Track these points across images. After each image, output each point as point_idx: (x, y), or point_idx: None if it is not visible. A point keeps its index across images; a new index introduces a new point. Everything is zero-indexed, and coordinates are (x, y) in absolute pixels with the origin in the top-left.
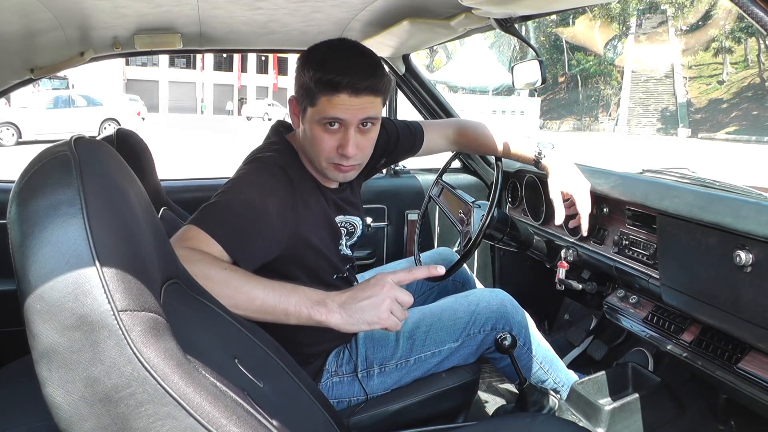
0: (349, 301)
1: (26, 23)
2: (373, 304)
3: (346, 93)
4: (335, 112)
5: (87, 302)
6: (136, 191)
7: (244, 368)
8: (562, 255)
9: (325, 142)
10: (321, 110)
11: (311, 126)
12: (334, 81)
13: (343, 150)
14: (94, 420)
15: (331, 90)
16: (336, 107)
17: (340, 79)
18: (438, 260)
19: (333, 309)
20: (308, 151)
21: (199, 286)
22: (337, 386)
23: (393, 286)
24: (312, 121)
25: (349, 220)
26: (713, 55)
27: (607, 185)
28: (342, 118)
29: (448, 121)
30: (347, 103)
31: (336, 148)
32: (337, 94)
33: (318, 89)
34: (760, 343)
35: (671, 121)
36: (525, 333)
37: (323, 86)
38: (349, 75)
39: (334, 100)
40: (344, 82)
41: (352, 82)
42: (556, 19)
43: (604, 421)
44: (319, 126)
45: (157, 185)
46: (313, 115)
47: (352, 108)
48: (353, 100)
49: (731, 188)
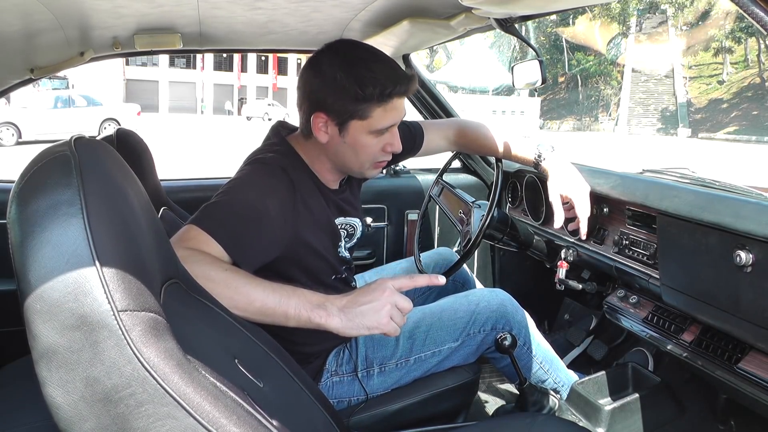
0: (349, 305)
1: (26, 23)
2: (373, 309)
3: (397, 98)
4: (390, 119)
5: (87, 302)
6: (136, 191)
7: (244, 368)
8: (562, 255)
9: (375, 146)
10: (376, 122)
11: (359, 136)
12: (389, 91)
13: (393, 148)
14: (94, 420)
15: (386, 100)
16: (391, 115)
17: (396, 89)
18: (438, 260)
19: (333, 312)
20: (347, 159)
21: (199, 286)
22: (337, 386)
23: (393, 291)
24: (360, 132)
25: (350, 222)
26: (713, 55)
27: (607, 185)
28: (394, 123)
29: (448, 121)
30: (398, 107)
31: (383, 147)
32: (390, 101)
33: (373, 102)
34: (760, 343)
35: (671, 121)
36: (525, 333)
37: (379, 98)
38: (399, 80)
39: (388, 107)
40: (397, 89)
41: (402, 86)
42: (556, 19)
43: (604, 421)
44: (370, 134)
45: (157, 185)
46: (363, 126)
47: (401, 110)
48: (401, 103)
49: (731, 188)
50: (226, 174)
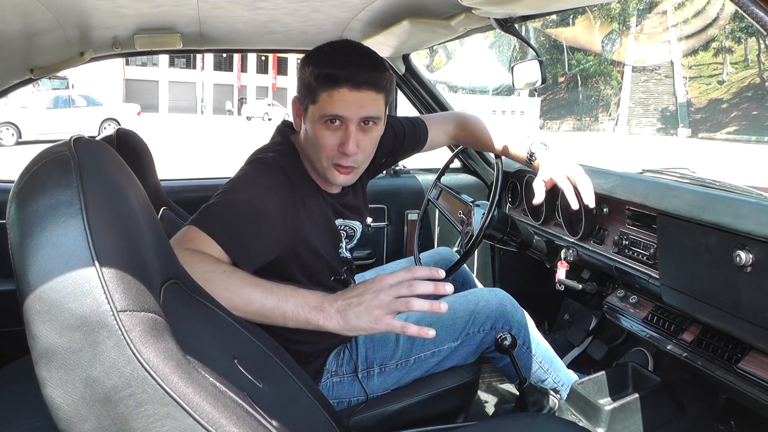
0: (345, 306)
1: (26, 23)
2: (367, 310)
3: (346, 87)
4: (335, 108)
5: (86, 303)
6: (135, 191)
7: (244, 368)
8: (562, 255)
9: (326, 139)
10: (322, 107)
11: (313, 124)
12: (333, 74)
13: (344, 147)
14: (93, 420)
15: (331, 84)
16: (336, 103)
17: (339, 72)
18: (438, 260)
19: (331, 314)
20: (310, 151)
21: (199, 286)
22: (337, 386)
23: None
24: (313, 119)
25: (349, 224)
26: (713, 55)
27: (607, 185)
28: (342, 115)
29: (448, 115)
30: (348, 98)
31: (337, 146)
32: (337, 88)
33: (318, 84)
34: (760, 343)
35: (671, 121)
36: (524, 332)
37: (323, 81)
38: (348, 68)
39: (334, 95)
40: (343, 75)
41: (352, 75)
42: (556, 19)
43: (604, 421)
44: (321, 124)
45: (157, 185)
46: (314, 112)
47: (353, 103)
48: (354, 95)
49: (731, 188)
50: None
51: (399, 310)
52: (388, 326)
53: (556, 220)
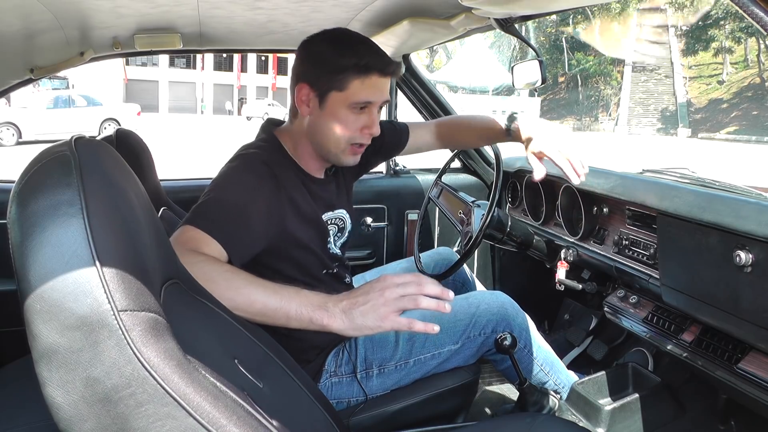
0: (349, 306)
1: (26, 23)
2: (373, 308)
3: (376, 74)
4: (368, 95)
5: (87, 302)
6: (136, 191)
7: (244, 368)
8: (562, 255)
9: (351, 123)
10: (353, 94)
11: (336, 109)
12: (369, 64)
13: (371, 129)
14: (94, 420)
15: (364, 73)
16: (368, 89)
17: (374, 62)
18: (438, 260)
19: (335, 314)
20: (325, 136)
21: (200, 286)
22: (336, 386)
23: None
24: (337, 106)
25: (338, 215)
26: (713, 55)
27: (607, 185)
28: (373, 101)
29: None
30: (377, 85)
31: (361, 128)
32: (369, 76)
33: (352, 73)
34: (760, 343)
35: (671, 121)
36: (526, 335)
37: (357, 70)
38: (380, 57)
39: (366, 82)
40: (376, 63)
41: (381, 64)
42: (556, 19)
43: (604, 421)
44: (347, 109)
45: (156, 185)
46: (340, 99)
47: (381, 89)
48: (382, 81)
49: (731, 188)
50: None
51: (406, 307)
52: (394, 324)
53: (556, 220)
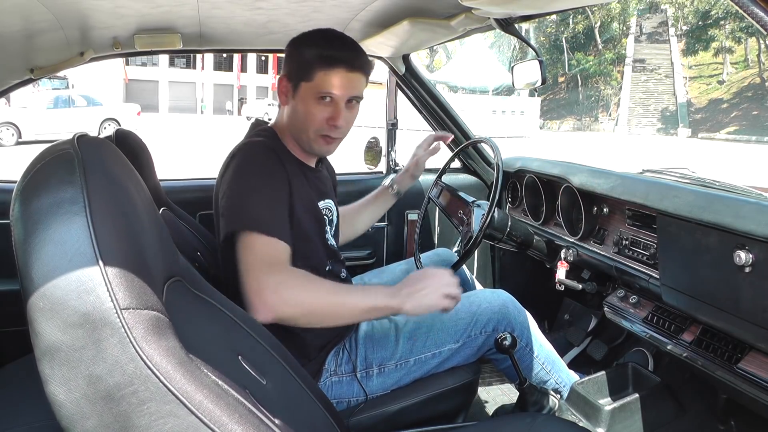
0: (412, 291)
1: (26, 23)
2: (434, 290)
3: (343, 68)
4: (331, 87)
5: (90, 300)
6: (138, 189)
7: (247, 365)
8: (562, 255)
9: (317, 114)
10: (318, 84)
11: (304, 100)
12: (333, 56)
13: (334, 121)
14: (96, 418)
15: (329, 65)
16: (332, 81)
17: (340, 55)
18: (437, 261)
19: (404, 298)
20: (297, 125)
21: (202, 283)
22: (336, 386)
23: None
24: (306, 95)
25: (328, 206)
26: (713, 55)
27: (607, 185)
28: (335, 94)
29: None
30: (342, 78)
31: (326, 119)
32: (334, 69)
33: (318, 64)
34: (760, 343)
35: (671, 121)
36: (527, 334)
37: (323, 61)
38: (347, 52)
39: (330, 74)
40: (342, 57)
41: (349, 58)
42: (556, 19)
43: (604, 421)
44: (313, 99)
45: (156, 185)
46: (308, 89)
47: (347, 83)
48: (348, 76)
49: (731, 188)
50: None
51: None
52: (447, 304)
53: (556, 220)
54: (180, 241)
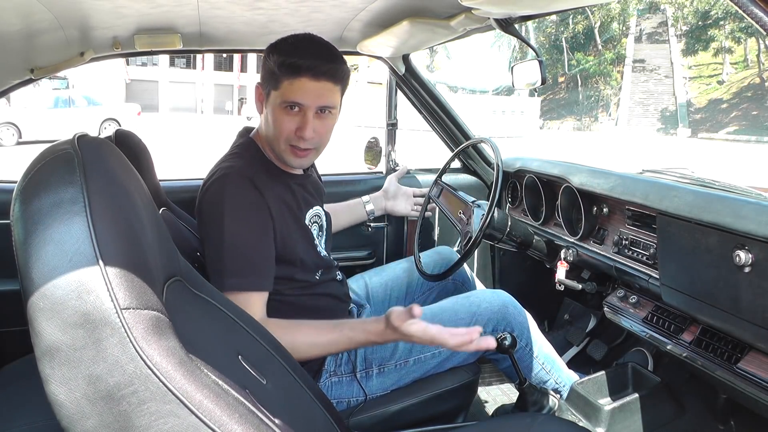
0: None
1: (26, 23)
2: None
3: (306, 77)
4: (295, 95)
5: (90, 300)
6: (138, 189)
7: (248, 365)
8: (562, 255)
9: (285, 124)
10: (283, 93)
11: (273, 109)
12: (296, 64)
13: (301, 132)
14: (96, 418)
15: (292, 73)
16: (297, 91)
17: (302, 63)
18: (438, 260)
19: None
20: (270, 135)
21: (202, 283)
22: (335, 386)
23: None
24: (274, 104)
25: (317, 213)
26: (713, 56)
27: (607, 185)
28: (302, 103)
29: None
30: (307, 87)
31: (294, 130)
32: (298, 77)
33: (281, 73)
34: (760, 343)
35: (671, 121)
36: (527, 335)
37: (286, 69)
38: (310, 59)
39: (295, 83)
40: (305, 65)
41: (313, 66)
42: (556, 19)
43: (604, 421)
44: (281, 109)
45: (156, 185)
46: (275, 98)
47: (312, 92)
48: (313, 84)
49: (731, 188)
50: None
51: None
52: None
53: (556, 220)
54: (180, 241)
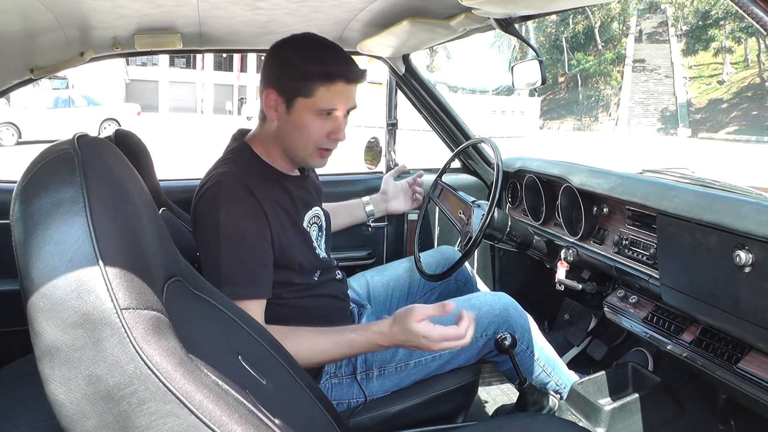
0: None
1: (26, 23)
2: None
3: (342, 82)
4: (332, 102)
5: (90, 300)
6: (138, 189)
7: (248, 365)
8: (562, 255)
9: (317, 129)
10: (318, 101)
11: (302, 116)
12: (334, 71)
13: (337, 135)
14: (96, 418)
15: (328, 80)
16: (333, 97)
17: (336, 69)
18: (439, 259)
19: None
20: (293, 140)
21: (202, 283)
22: (336, 387)
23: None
24: (304, 112)
25: (316, 213)
26: (713, 55)
27: (607, 185)
28: (338, 108)
29: None
30: (343, 92)
31: (327, 134)
32: (334, 83)
33: (314, 80)
34: (760, 343)
35: (671, 121)
36: (528, 337)
37: (322, 77)
38: (345, 65)
39: (332, 89)
40: (339, 71)
41: (346, 71)
42: (556, 19)
43: (604, 421)
44: (314, 115)
45: (156, 186)
46: (307, 105)
47: (347, 96)
48: (348, 88)
49: (731, 188)
50: None
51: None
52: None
53: (556, 220)
54: (180, 241)
